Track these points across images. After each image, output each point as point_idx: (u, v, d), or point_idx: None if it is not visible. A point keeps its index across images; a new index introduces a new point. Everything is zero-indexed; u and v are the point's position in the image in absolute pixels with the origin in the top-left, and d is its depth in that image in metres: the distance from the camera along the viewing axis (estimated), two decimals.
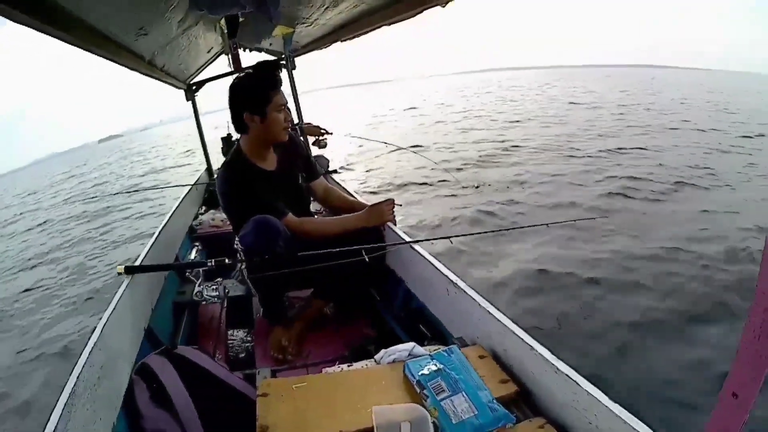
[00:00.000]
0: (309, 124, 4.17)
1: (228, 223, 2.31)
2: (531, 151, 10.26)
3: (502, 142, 11.60)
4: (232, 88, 2.08)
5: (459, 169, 8.83)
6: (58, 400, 1.12)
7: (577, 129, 13.09)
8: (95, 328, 1.48)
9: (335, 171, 4.23)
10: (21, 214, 13.67)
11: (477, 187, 7.20)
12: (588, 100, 22.70)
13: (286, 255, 1.91)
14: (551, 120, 15.63)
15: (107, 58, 2.32)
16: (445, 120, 18.11)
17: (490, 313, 1.50)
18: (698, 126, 13.10)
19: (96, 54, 2.11)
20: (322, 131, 4.19)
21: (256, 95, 2.03)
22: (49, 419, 1.07)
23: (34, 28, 1.47)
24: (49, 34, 1.60)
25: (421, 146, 11.51)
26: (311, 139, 4.34)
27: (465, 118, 18.12)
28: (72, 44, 1.83)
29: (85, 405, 1.20)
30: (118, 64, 2.53)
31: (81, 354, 1.33)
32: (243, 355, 2.21)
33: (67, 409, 1.11)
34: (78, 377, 1.21)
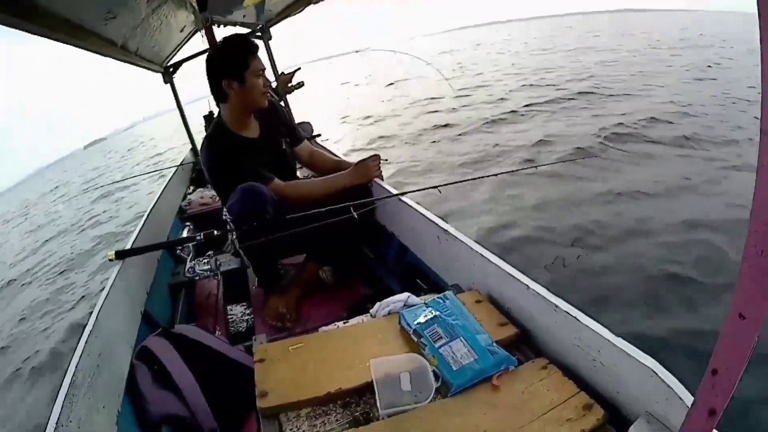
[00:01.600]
0: (281, 74, 4.06)
1: (217, 200, 2.29)
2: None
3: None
4: (209, 58, 2.05)
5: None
6: (57, 393, 1.10)
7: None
8: (90, 316, 1.45)
9: (319, 135, 4.19)
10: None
11: None
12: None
13: (275, 220, 1.89)
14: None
15: (77, 46, 2.27)
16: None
17: (483, 256, 1.47)
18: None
19: (65, 42, 2.07)
20: (293, 72, 4.08)
21: (233, 61, 2.00)
22: (51, 413, 1.05)
23: None
24: (11, 26, 1.54)
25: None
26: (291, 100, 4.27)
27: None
28: (38, 34, 1.78)
29: (86, 395, 1.18)
30: (90, 51, 2.47)
31: (77, 344, 1.30)
32: (243, 328, 2.21)
33: (68, 400, 1.09)
34: (77, 367, 1.19)
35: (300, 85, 3.85)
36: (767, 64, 0.49)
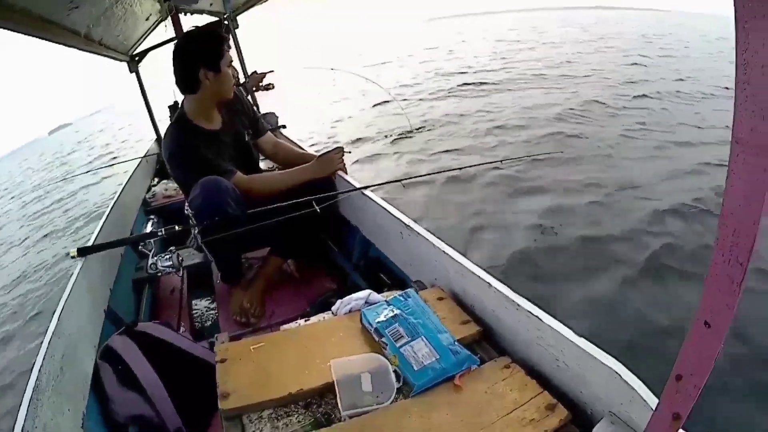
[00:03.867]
0: (254, 73, 4.02)
1: (181, 192, 2.25)
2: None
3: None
4: (184, 46, 1.99)
5: None
6: (22, 399, 1.08)
7: None
8: (52, 316, 1.42)
9: (283, 126, 4.13)
10: None
11: None
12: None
13: (236, 215, 1.87)
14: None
15: (39, 37, 2.20)
16: None
17: (446, 253, 1.48)
18: None
19: (26, 34, 2.00)
20: (265, 74, 4.04)
21: (211, 50, 1.96)
22: (15, 420, 1.02)
23: None
24: None
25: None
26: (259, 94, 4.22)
27: None
28: (2, 28, 1.72)
29: (50, 398, 1.16)
30: (53, 42, 2.40)
31: (40, 346, 1.27)
32: (208, 323, 2.20)
33: (33, 405, 1.07)
34: (40, 371, 1.17)
35: (269, 87, 3.82)
36: (741, 72, 0.50)
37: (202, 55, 1.96)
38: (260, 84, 3.81)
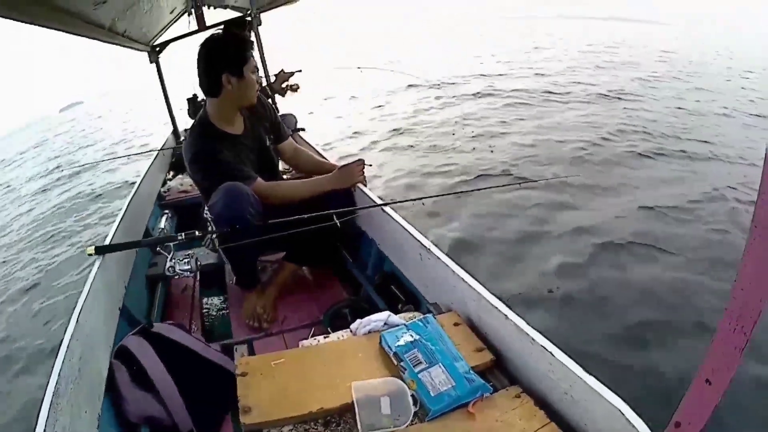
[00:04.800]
0: (281, 71, 4.00)
1: (197, 189, 2.27)
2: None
3: None
4: (208, 49, 1.98)
5: None
6: (41, 405, 1.08)
7: None
8: (70, 318, 1.43)
9: (302, 129, 4.09)
10: None
11: None
12: None
13: (256, 223, 1.90)
14: None
15: (65, 31, 2.21)
16: None
17: (464, 280, 1.51)
18: None
19: (50, 28, 2.01)
20: (292, 73, 4.02)
21: (235, 55, 1.96)
22: (36, 425, 1.03)
23: None
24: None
25: None
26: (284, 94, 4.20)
27: None
28: (24, 22, 1.74)
29: (69, 402, 1.17)
30: (77, 35, 2.41)
31: (59, 350, 1.28)
32: (219, 324, 2.22)
33: (53, 410, 1.08)
34: (59, 375, 1.18)
35: (295, 88, 3.81)
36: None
37: (226, 60, 1.96)
38: (286, 84, 3.81)
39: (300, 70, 3.88)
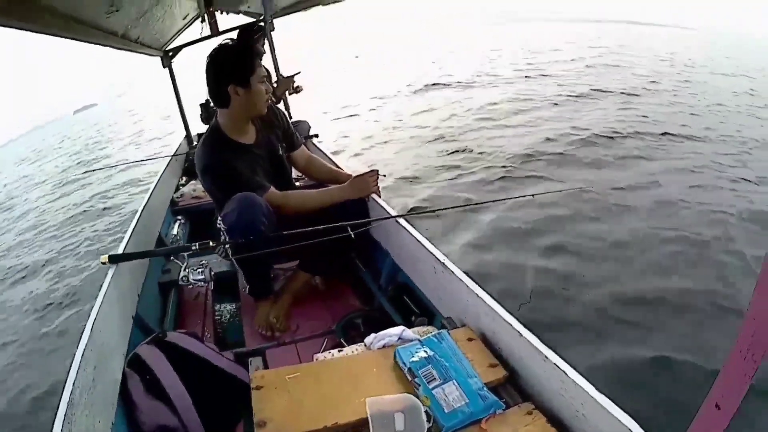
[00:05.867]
0: (279, 77, 4.00)
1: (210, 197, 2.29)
2: None
3: None
4: (214, 59, 1.97)
5: None
6: (56, 415, 1.09)
7: None
8: (84, 327, 1.43)
9: (316, 135, 4.06)
10: None
11: None
12: None
13: (270, 234, 1.91)
14: None
15: (76, 39, 2.23)
16: None
17: (479, 296, 1.51)
18: None
19: (63, 37, 2.03)
20: (292, 76, 4.01)
21: (241, 65, 1.95)
22: None
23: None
24: (12, 27, 1.53)
25: None
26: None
27: None
28: (37, 32, 1.75)
29: (83, 412, 1.18)
30: (89, 43, 2.43)
31: (73, 359, 1.28)
32: (232, 331, 2.23)
33: (67, 420, 1.09)
34: (74, 385, 1.18)
35: (298, 89, 3.82)
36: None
37: (232, 71, 1.95)
38: (292, 87, 3.81)
39: (299, 72, 3.89)
